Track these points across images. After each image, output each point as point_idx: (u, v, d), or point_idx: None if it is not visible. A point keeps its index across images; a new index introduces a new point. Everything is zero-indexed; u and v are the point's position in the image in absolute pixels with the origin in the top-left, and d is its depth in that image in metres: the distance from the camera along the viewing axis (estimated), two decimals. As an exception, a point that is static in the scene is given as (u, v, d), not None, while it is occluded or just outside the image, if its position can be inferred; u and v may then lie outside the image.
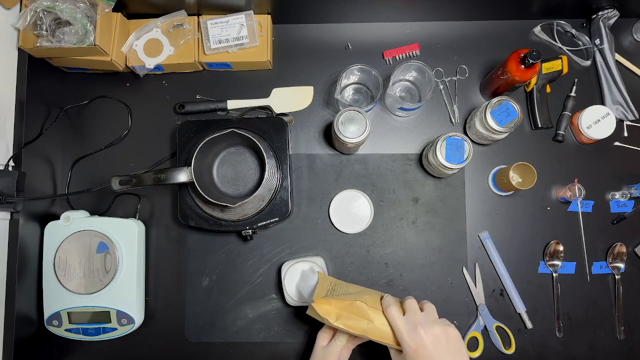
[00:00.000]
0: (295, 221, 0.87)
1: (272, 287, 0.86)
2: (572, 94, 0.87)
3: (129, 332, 0.81)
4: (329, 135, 0.87)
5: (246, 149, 0.81)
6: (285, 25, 0.90)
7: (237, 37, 0.83)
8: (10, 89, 0.78)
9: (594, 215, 0.86)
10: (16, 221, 0.77)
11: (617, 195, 0.85)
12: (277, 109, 0.88)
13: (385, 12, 0.87)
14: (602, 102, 0.87)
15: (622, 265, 0.84)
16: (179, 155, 0.80)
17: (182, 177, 0.72)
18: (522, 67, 0.76)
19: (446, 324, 0.66)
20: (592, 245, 0.85)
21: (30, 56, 0.79)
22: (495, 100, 0.77)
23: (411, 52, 0.89)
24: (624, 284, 0.84)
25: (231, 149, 0.81)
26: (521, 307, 0.83)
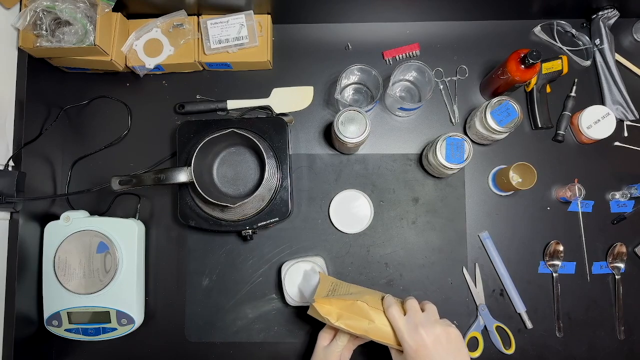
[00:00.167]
0: (295, 221, 0.87)
1: (272, 287, 0.86)
2: (572, 94, 0.87)
3: (129, 332, 0.80)
4: (329, 135, 0.87)
5: (246, 149, 0.81)
6: (285, 25, 0.90)
7: (237, 37, 0.83)
8: (10, 88, 0.78)
9: (594, 215, 0.86)
10: (16, 221, 0.77)
11: (617, 195, 0.85)
12: (277, 109, 0.88)
13: (385, 12, 0.87)
14: (602, 102, 0.87)
15: (622, 265, 0.84)
16: (179, 155, 0.80)
17: (182, 177, 0.72)
18: (522, 67, 0.76)
19: (447, 324, 0.66)
20: (592, 245, 0.85)
21: (30, 56, 0.79)
22: (495, 100, 0.77)
23: (411, 52, 0.89)
24: (624, 284, 0.84)
25: (231, 149, 0.81)
26: (521, 307, 0.84)
